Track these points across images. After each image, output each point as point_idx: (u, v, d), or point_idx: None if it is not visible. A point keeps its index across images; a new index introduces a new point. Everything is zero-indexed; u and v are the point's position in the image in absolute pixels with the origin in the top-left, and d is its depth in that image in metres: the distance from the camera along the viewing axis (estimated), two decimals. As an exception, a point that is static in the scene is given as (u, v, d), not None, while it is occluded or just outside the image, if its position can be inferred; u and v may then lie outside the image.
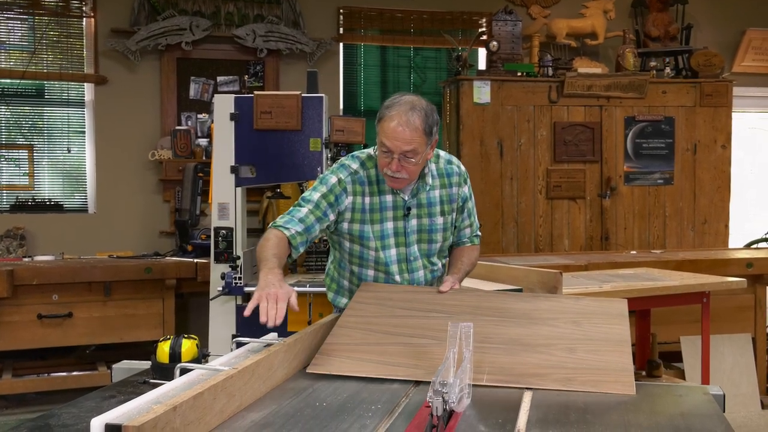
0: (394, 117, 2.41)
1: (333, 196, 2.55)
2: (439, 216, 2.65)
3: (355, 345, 2.25)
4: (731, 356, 5.06)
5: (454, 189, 2.68)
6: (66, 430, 1.69)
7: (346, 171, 2.59)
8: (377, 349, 2.23)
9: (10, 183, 6.20)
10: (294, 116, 4.29)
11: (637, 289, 3.76)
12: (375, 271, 2.65)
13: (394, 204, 2.61)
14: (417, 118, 2.41)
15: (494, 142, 5.96)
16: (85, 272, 4.96)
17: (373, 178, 2.60)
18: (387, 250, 2.61)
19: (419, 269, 2.66)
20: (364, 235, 2.60)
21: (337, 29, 6.70)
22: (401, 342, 2.25)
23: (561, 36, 6.71)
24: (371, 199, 2.59)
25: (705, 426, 1.72)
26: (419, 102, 2.46)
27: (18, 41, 6.20)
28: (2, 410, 5.04)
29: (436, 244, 2.67)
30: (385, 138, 2.44)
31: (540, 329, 2.31)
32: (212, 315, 4.37)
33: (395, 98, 2.48)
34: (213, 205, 4.39)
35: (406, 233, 2.62)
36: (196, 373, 1.92)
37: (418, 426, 1.68)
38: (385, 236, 2.61)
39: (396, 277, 2.63)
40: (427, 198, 2.63)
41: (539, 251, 6.00)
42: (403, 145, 2.41)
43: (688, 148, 6.33)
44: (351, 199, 2.57)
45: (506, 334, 2.26)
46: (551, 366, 2.10)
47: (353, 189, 2.57)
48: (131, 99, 6.27)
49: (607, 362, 2.11)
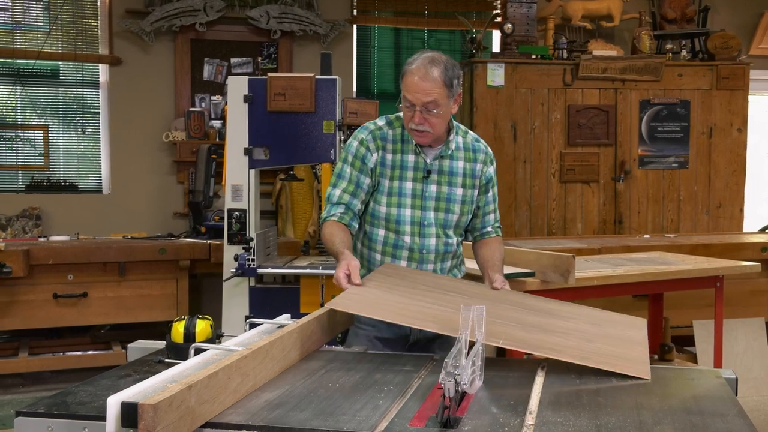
0: (414, 71, 2.48)
1: (359, 161, 2.62)
2: (460, 187, 2.65)
3: (374, 297, 2.27)
4: (744, 340, 5.05)
5: (479, 166, 2.69)
6: (83, 407, 1.71)
7: (366, 131, 2.65)
8: (396, 304, 2.25)
9: (25, 163, 6.24)
10: (307, 98, 4.28)
11: (651, 272, 3.74)
12: (386, 230, 2.64)
13: (416, 165, 2.62)
14: (436, 70, 2.47)
15: (508, 125, 5.94)
16: (100, 252, 5.00)
17: (398, 137, 2.63)
18: (402, 208, 2.62)
19: (432, 236, 2.64)
20: (380, 189, 2.62)
21: (350, 11, 6.67)
22: (420, 306, 2.27)
23: (576, 18, 6.65)
24: (393, 156, 2.62)
25: (717, 409, 1.72)
26: (439, 56, 2.52)
27: (33, 22, 6.22)
28: (19, 388, 5.10)
29: (453, 215, 2.66)
30: (406, 91, 2.50)
31: (558, 322, 2.32)
32: (225, 296, 4.40)
33: (417, 54, 2.54)
34: (226, 186, 4.41)
35: (423, 196, 2.62)
36: (211, 353, 1.94)
37: (430, 407, 1.69)
38: (402, 194, 2.61)
39: (406, 237, 2.62)
40: (449, 166, 2.64)
41: (552, 235, 5.99)
42: (423, 96, 2.46)
43: (704, 131, 6.28)
44: (377, 155, 2.61)
45: (525, 319, 2.27)
46: (568, 345, 2.10)
47: (375, 145, 2.62)
48: (145, 80, 6.28)
49: (625, 353, 2.11)
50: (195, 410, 1.50)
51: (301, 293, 4.37)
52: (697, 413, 1.69)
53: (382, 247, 2.66)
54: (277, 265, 4.40)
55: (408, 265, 2.65)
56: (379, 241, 2.66)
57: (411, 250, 2.64)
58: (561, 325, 2.27)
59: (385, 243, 2.66)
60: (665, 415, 1.67)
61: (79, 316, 5.01)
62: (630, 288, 3.81)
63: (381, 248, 2.66)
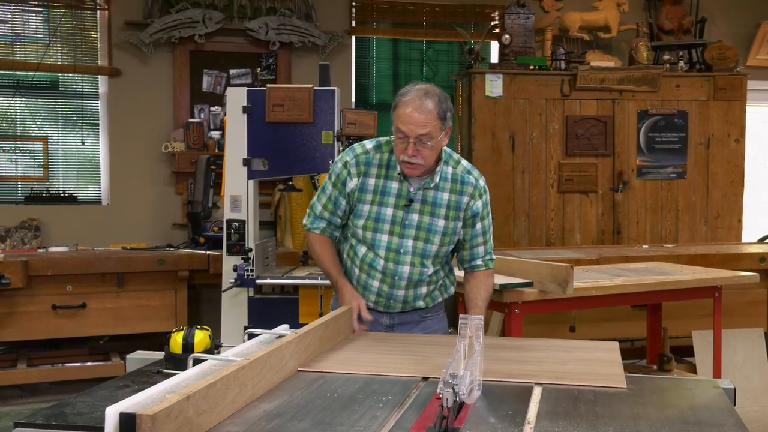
0: (408, 103, 2.48)
1: (340, 183, 2.66)
2: (442, 219, 2.64)
3: (347, 357, 2.27)
4: (743, 351, 5.04)
5: (465, 198, 2.65)
6: (81, 418, 1.71)
7: (351, 153, 2.67)
8: (372, 358, 2.27)
9: (25, 175, 6.25)
10: (306, 109, 4.29)
11: (649, 283, 3.74)
12: (366, 248, 2.68)
13: (399, 192, 2.62)
14: (431, 103, 2.47)
15: (506, 136, 5.95)
16: (99, 263, 5.00)
17: (384, 162, 2.63)
18: (378, 233, 2.63)
19: (406, 264, 2.65)
20: (357, 212, 2.65)
21: (349, 22, 6.70)
22: (398, 354, 2.31)
23: (574, 29, 6.68)
24: (376, 181, 2.63)
25: (715, 419, 1.73)
26: (433, 89, 2.53)
27: (33, 33, 6.24)
28: (17, 399, 5.09)
29: (432, 246, 2.65)
30: (400, 123, 2.49)
31: (531, 353, 2.36)
32: (224, 306, 4.39)
33: (409, 86, 2.55)
34: (225, 197, 4.41)
35: (403, 224, 2.63)
36: (209, 364, 1.94)
37: (428, 417, 1.69)
38: (380, 220, 2.63)
39: (380, 261, 2.65)
40: (434, 197, 2.63)
41: (550, 245, 5.99)
42: (418, 128, 2.46)
43: (702, 142, 6.29)
44: (356, 181, 2.63)
45: (498, 355, 2.28)
46: (543, 370, 2.13)
47: (357, 171, 2.63)
48: (144, 91, 6.30)
49: (598, 370, 2.14)
50: (193, 421, 1.50)
51: (300, 303, 4.36)
52: (695, 423, 1.69)
53: (360, 263, 2.70)
54: (275, 276, 4.40)
55: (380, 285, 2.68)
56: (359, 257, 2.70)
57: (384, 273, 2.67)
58: (534, 356, 2.32)
59: (363, 260, 2.69)
60: (663, 425, 1.67)
61: (77, 327, 5.00)
62: (628, 298, 3.82)
63: (359, 264, 2.70)
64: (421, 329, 2.78)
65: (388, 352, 2.35)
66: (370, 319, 2.59)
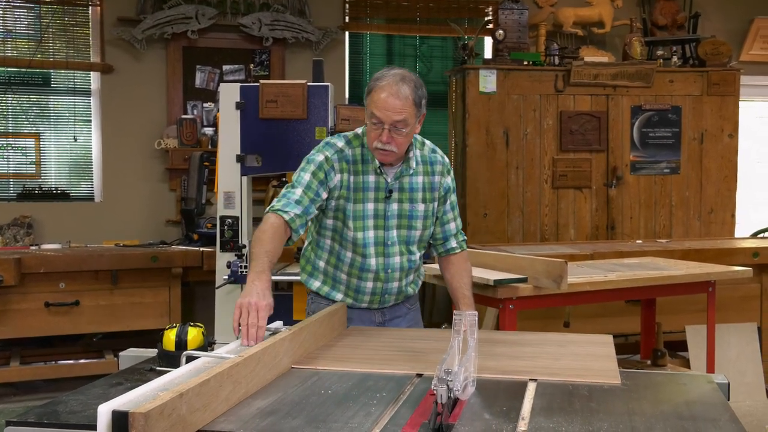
0: (384, 88, 2.43)
1: (322, 173, 2.54)
2: (421, 203, 2.64)
3: (341, 354, 2.26)
4: (737, 345, 5.06)
5: (437, 178, 2.67)
6: (74, 416, 1.70)
7: (332, 149, 2.59)
8: (366, 354, 2.26)
9: (17, 171, 6.22)
10: (300, 105, 4.28)
11: (643, 278, 3.75)
12: (353, 253, 2.63)
13: (377, 185, 2.59)
14: (407, 89, 2.43)
15: (500, 131, 5.95)
16: (92, 261, 4.99)
17: (358, 157, 2.59)
18: (366, 231, 2.60)
19: (396, 255, 2.64)
20: (347, 213, 2.58)
21: (342, 18, 6.68)
22: (392, 350, 2.30)
23: (568, 25, 6.68)
24: (355, 178, 2.58)
25: (709, 414, 1.73)
26: (408, 74, 2.49)
27: (24, 30, 6.21)
28: (10, 397, 5.07)
29: (415, 231, 2.65)
30: (375, 109, 2.44)
31: (525, 348, 2.36)
32: (218, 303, 4.38)
33: (384, 71, 2.50)
34: (219, 194, 4.40)
35: (386, 216, 2.61)
36: (202, 361, 1.93)
37: (422, 414, 1.69)
38: (364, 217, 2.60)
39: (371, 260, 2.62)
40: (409, 183, 2.62)
41: (545, 240, 5.99)
42: (394, 114, 2.42)
43: (695, 137, 6.30)
44: (339, 177, 2.56)
45: (492, 350, 2.28)
46: (537, 366, 2.13)
47: (340, 167, 2.56)
48: (137, 87, 6.27)
49: (591, 365, 2.14)
50: (186, 418, 1.50)
51: (294, 300, 4.36)
52: (689, 418, 1.69)
53: (349, 269, 2.66)
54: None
55: (373, 286, 2.66)
56: (346, 263, 2.65)
57: (376, 272, 2.64)
58: (527, 351, 2.32)
59: (351, 265, 2.65)
60: (657, 420, 1.67)
61: (71, 325, 4.99)
62: (622, 293, 3.82)
63: (347, 269, 2.66)
64: (407, 321, 2.79)
65: (382, 348, 2.35)
66: (263, 329, 2.15)
